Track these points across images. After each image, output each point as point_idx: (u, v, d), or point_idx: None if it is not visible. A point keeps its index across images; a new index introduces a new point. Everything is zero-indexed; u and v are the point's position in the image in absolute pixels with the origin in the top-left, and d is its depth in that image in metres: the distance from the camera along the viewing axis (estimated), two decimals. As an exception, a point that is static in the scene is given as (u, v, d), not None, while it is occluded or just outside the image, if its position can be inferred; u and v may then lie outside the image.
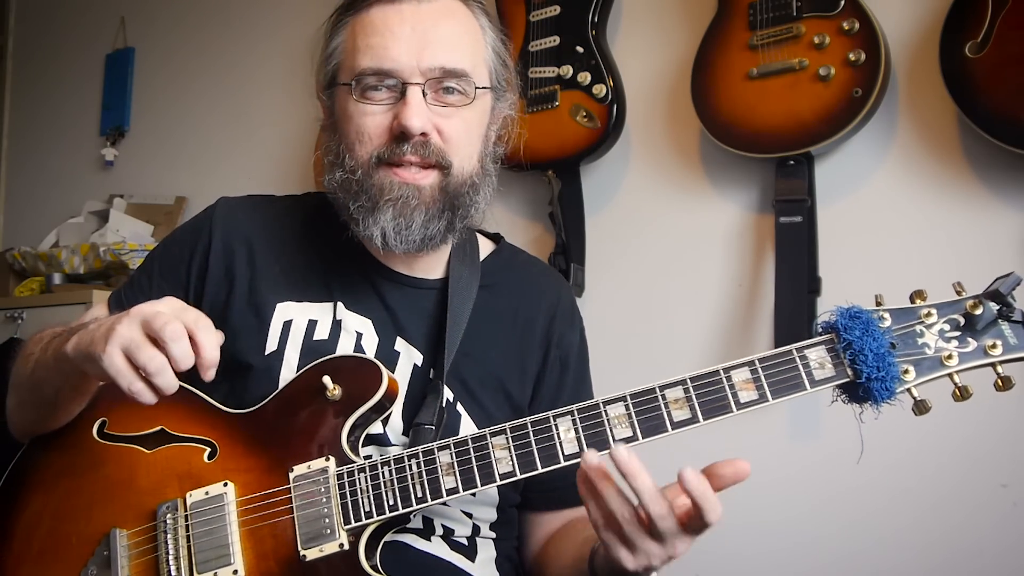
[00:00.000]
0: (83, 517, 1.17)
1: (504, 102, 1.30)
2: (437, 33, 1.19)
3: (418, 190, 1.19)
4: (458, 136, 1.21)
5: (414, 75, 1.17)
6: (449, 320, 1.26)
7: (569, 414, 1.06)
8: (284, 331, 1.25)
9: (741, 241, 2.20)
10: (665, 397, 1.04)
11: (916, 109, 2.02)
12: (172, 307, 1.06)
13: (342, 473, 1.11)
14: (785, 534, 2.05)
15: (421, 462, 1.09)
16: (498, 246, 1.44)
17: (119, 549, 1.14)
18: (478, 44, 1.25)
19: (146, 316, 1.02)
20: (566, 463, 1.06)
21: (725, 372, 1.03)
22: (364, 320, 1.27)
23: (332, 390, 1.14)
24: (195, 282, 1.31)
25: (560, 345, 1.37)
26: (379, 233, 1.19)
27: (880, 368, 0.99)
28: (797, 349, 1.03)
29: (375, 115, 1.19)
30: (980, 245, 1.93)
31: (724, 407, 1.03)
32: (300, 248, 1.32)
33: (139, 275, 1.36)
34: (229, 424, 1.18)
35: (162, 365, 1.01)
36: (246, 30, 3.17)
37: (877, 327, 1.00)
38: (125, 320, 1.02)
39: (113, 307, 1.32)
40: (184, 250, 1.33)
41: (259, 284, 1.28)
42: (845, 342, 1.00)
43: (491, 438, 1.08)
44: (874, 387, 0.99)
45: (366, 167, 1.20)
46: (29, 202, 3.62)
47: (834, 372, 1.02)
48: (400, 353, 1.27)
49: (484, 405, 1.28)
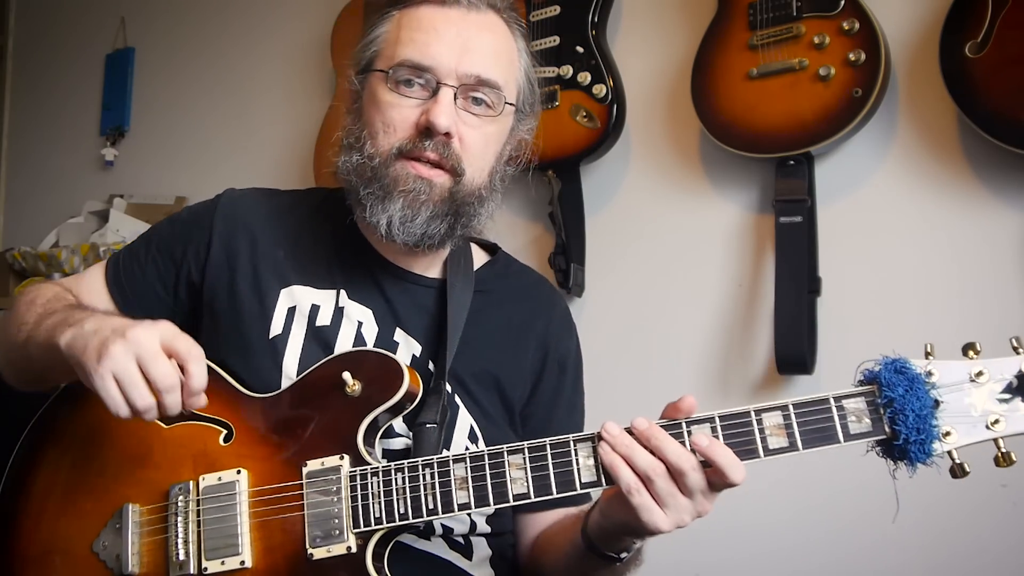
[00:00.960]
0: (99, 487, 1.20)
1: (524, 125, 1.34)
2: (479, 42, 1.23)
3: (429, 186, 1.21)
4: (476, 147, 1.24)
5: (450, 77, 1.20)
6: (449, 317, 1.28)
7: (590, 440, 1.05)
8: (289, 316, 1.27)
9: (741, 241, 2.20)
10: (691, 434, 1.01)
11: (916, 109, 2.02)
12: (165, 334, 1.06)
13: (355, 474, 1.11)
14: (785, 534, 2.05)
15: (436, 472, 1.09)
16: (493, 256, 1.45)
17: (131, 524, 1.16)
18: (513, 63, 1.29)
19: (142, 353, 1.03)
20: (582, 491, 1.05)
21: (756, 414, 1.00)
22: (365, 310, 1.29)
23: (352, 386, 1.14)
24: (190, 264, 1.32)
25: (558, 349, 1.39)
26: (385, 221, 1.21)
27: (920, 430, 0.94)
28: (835, 398, 0.99)
29: (404, 108, 1.22)
30: (980, 245, 1.92)
31: (751, 452, 1.00)
32: (304, 237, 1.34)
33: (138, 245, 1.38)
34: (246, 407, 1.19)
35: (150, 407, 1.04)
36: (246, 30, 3.17)
37: (923, 384, 0.95)
38: (120, 344, 1.03)
39: (110, 274, 1.34)
40: (185, 230, 1.35)
41: (263, 269, 1.30)
42: (887, 399, 0.96)
43: (508, 456, 1.07)
44: (911, 449, 0.95)
45: (385, 156, 1.22)
46: (29, 202, 3.62)
47: (871, 427, 0.98)
48: (399, 344, 1.28)
49: (479, 400, 1.29)
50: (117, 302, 1.33)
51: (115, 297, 1.33)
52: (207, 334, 1.30)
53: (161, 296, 1.33)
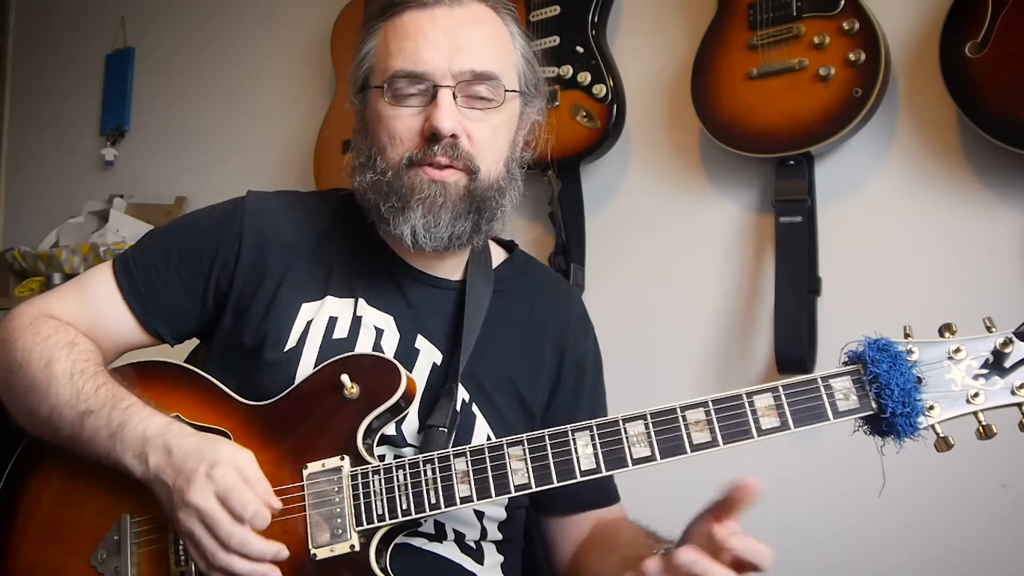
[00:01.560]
0: (95, 500, 1.18)
1: (532, 107, 1.32)
2: (468, 37, 1.21)
3: (444, 187, 1.20)
4: (486, 141, 1.23)
5: (445, 78, 1.19)
6: (466, 321, 1.27)
7: (588, 429, 1.06)
8: (305, 329, 1.25)
9: (741, 241, 2.20)
10: (686, 418, 1.03)
11: (916, 109, 2.02)
12: (246, 473, 1.07)
13: (356, 474, 1.11)
14: (785, 535, 2.05)
15: (436, 468, 1.09)
16: (511, 254, 1.45)
17: (129, 535, 1.15)
18: (508, 49, 1.27)
19: (225, 492, 1.04)
20: (582, 479, 1.06)
21: (748, 397, 1.03)
22: (386, 316, 1.28)
23: (350, 389, 1.14)
24: (219, 272, 1.29)
25: (575, 351, 1.38)
26: (409, 231, 1.21)
27: (906, 404, 0.98)
28: (822, 378, 1.02)
29: (406, 118, 1.21)
30: (980, 245, 1.92)
31: (744, 432, 1.02)
32: (326, 245, 1.33)
33: (154, 253, 1.31)
34: (244, 415, 1.19)
35: (246, 540, 1.04)
36: (246, 30, 3.17)
37: (905, 361, 1.00)
38: (199, 484, 1.04)
39: (124, 285, 1.29)
40: (211, 238, 1.31)
41: (287, 282, 1.28)
42: (872, 375, 1.00)
43: (508, 448, 1.08)
44: (898, 422, 0.99)
45: (396, 168, 1.21)
46: (29, 202, 3.62)
47: (858, 404, 1.01)
48: (420, 351, 1.27)
49: (498, 407, 1.28)
50: (136, 313, 1.29)
51: (133, 308, 1.29)
52: (226, 338, 1.29)
53: (187, 306, 1.30)
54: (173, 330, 1.32)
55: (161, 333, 1.31)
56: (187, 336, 1.36)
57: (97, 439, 1.13)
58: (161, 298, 1.30)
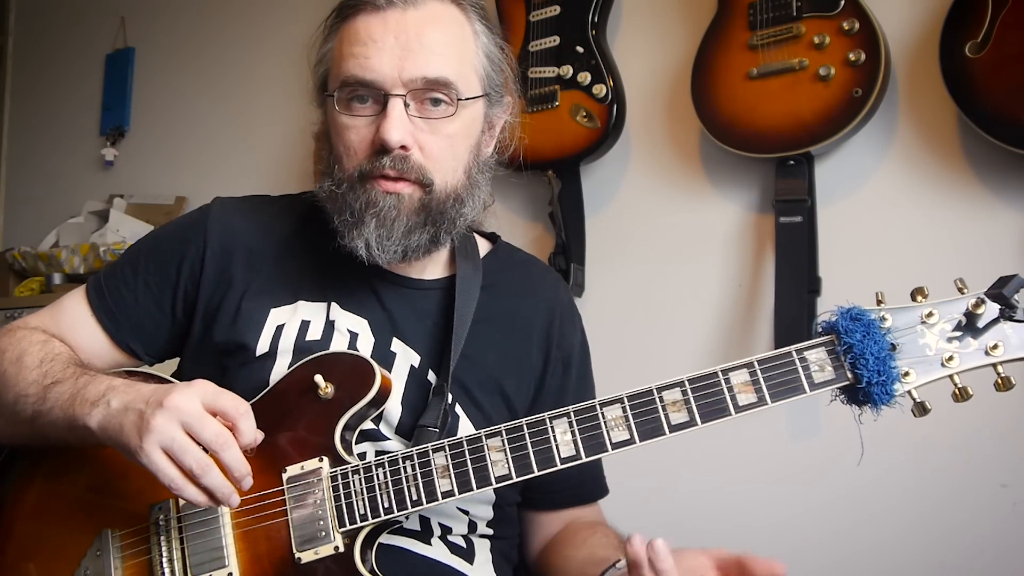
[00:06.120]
0: (77, 516, 1.17)
1: (499, 107, 1.27)
2: (421, 42, 1.15)
3: (398, 199, 1.17)
4: (441, 152, 1.19)
5: (396, 86, 1.15)
6: (456, 320, 1.25)
7: (565, 416, 1.06)
8: (276, 333, 1.23)
9: (741, 241, 2.20)
10: (663, 399, 1.03)
11: (916, 109, 2.02)
12: (205, 395, 1.04)
13: (336, 474, 1.10)
14: (785, 534, 2.05)
15: (416, 464, 1.09)
16: (495, 245, 1.42)
17: (112, 550, 1.14)
18: (466, 51, 1.22)
19: (186, 418, 1.00)
20: (562, 466, 1.05)
21: (724, 374, 1.03)
22: (360, 320, 1.26)
23: (324, 389, 1.13)
24: (186, 281, 1.28)
25: (561, 346, 1.36)
26: (363, 245, 1.18)
27: (881, 372, 0.98)
28: (797, 351, 1.02)
29: (359, 128, 1.18)
30: (980, 245, 1.93)
31: (722, 410, 1.02)
32: (295, 249, 1.31)
33: (123, 267, 1.31)
34: None
35: (207, 466, 1.00)
36: (246, 30, 3.17)
37: (878, 329, 0.99)
38: (160, 415, 1.00)
39: (94, 301, 1.29)
40: (177, 247, 1.30)
41: (253, 288, 1.26)
42: (846, 345, 0.99)
43: (487, 440, 1.08)
44: (874, 391, 0.98)
45: (351, 181, 1.19)
46: (29, 202, 3.62)
47: (834, 375, 1.01)
48: (396, 354, 1.25)
49: (482, 407, 1.27)
50: (107, 329, 1.28)
51: (104, 324, 1.28)
52: (196, 347, 1.28)
53: (157, 318, 1.29)
54: (146, 345, 1.30)
55: (134, 348, 1.30)
56: (162, 353, 1.33)
57: (58, 405, 1.10)
58: (131, 311, 1.29)
